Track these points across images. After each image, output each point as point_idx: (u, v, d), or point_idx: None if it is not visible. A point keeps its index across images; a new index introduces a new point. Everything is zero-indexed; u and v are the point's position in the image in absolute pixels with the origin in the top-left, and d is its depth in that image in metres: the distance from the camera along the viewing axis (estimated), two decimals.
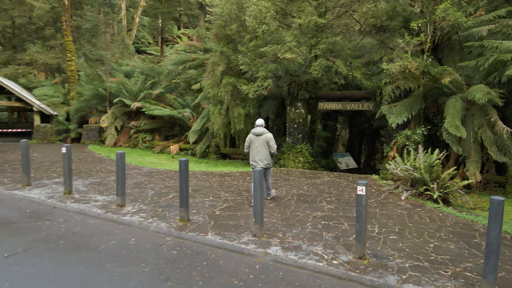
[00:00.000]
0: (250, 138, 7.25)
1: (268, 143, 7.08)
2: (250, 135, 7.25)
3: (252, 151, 7.15)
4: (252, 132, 7.23)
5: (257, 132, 7.12)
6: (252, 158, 7.16)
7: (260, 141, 7.06)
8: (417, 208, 7.19)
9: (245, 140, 7.37)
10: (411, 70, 9.93)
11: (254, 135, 7.15)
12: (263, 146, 7.06)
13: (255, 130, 7.17)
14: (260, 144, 7.06)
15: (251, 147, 7.19)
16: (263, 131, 7.14)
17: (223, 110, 12.91)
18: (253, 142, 7.16)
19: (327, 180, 9.86)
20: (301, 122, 13.41)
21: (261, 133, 7.10)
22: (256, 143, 7.10)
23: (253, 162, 7.15)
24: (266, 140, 7.06)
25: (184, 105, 17.57)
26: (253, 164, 7.14)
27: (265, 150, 7.09)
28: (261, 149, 7.06)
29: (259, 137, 7.10)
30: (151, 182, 8.99)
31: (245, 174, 10.54)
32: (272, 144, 7.12)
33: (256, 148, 7.08)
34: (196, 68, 16.74)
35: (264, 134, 7.09)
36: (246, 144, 7.32)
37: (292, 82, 13.26)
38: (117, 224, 5.80)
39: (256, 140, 7.11)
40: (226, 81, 12.42)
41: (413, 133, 10.53)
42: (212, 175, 10.30)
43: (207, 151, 15.60)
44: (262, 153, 7.06)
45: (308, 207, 6.95)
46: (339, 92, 12.88)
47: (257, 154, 7.08)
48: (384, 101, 11.29)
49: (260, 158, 7.06)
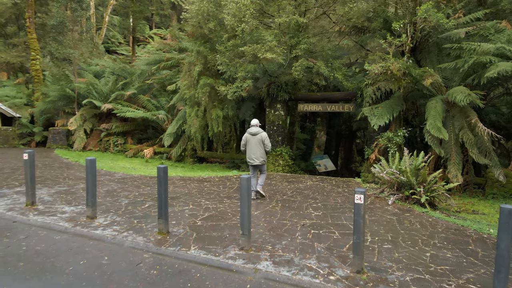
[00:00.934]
0: (246, 137, 7.70)
1: (263, 142, 7.60)
2: (246, 135, 7.70)
3: (249, 149, 7.66)
4: (248, 132, 7.70)
5: (252, 132, 7.60)
6: (249, 155, 7.68)
7: (256, 140, 7.56)
8: (406, 213, 6.99)
9: (242, 138, 7.86)
10: (393, 71, 9.82)
11: (250, 135, 7.62)
12: (258, 144, 7.57)
13: (251, 130, 7.65)
14: (256, 142, 7.56)
15: (248, 145, 7.69)
16: (258, 130, 7.64)
17: (200, 112, 12.38)
18: (249, 141, 7.64)
19: (310, 184, 9.56)
20: (280, 124, 13.10)
21: (256, 132, 7.59)
22: (252, 142, 7.59)
23: (249, 159, 7.68)
24: (262, 139, 7.58)
25: (158, 106, 16.86)
26: (250, 161, 7.69)
27: (261, 148, 7.61)
28: (257, 147, 7.57)
29: (254, 136, 7.58)
30: (124, 190, 8.35)
31: (224, 180, 10.07)
32: (267, 142, 7.66)
33: (253, 147, 7.58)
34: (170, 69, 16.09)
35: (259, 134, 7.60)
36: (243, 142, 7.78)
37: (271, 83, 12.93)
38: (87, 239, 5.20)
39: (252, 139, 7.59)
40: (203, 81, 11.92)
41: (394, 135, 10.43)
42: (190, 180, 9.76)
43: (183, 155, 14.99)
44: (258, 151, 7.57)
45: (295, 215, 6.59)
46: (319, 94, 12.67)
47: (253, 152, 7.59)
48: (365, 103, 11.16)
49: (256, 156, 7.58)
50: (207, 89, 11.90)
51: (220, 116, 12.07)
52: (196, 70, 12.01)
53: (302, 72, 10.72)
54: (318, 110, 12.80)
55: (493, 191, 10.24)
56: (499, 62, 9.52)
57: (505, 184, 10.17)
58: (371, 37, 11.63)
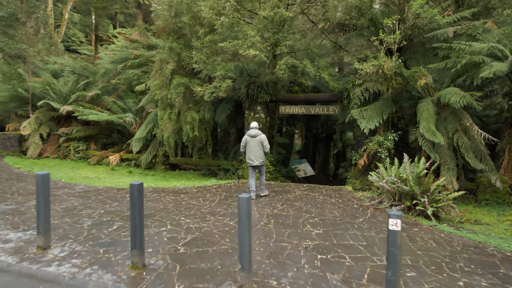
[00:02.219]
0: (246, 139, 8.11)
1: (262, 144, 8.03)
2: (246, 137, 8.13)
3: (248, 150, 8.07)
4: (247, 134, 8.13)
5: (252, 134, 8.03)
6: (249, 157, 8.09)
7: (255, 142, 7.99)
8: (413, 227, 6.26)
9: (241, 140, 8.29)
10: (384, 71, 9.19)
11: (250, 137, 8.04)
12: (258, 146, 7.99)
13: (251, 132, 8.06)
14: (255, 144, 7.98)
15: (247, 147, 8.10)
16: (258, 132, 8.05)
17: (174, 114, 11.20)
18: (248, 142, 8.06)
19: (299, 194, 8.68)
20: (261, 128, 12.17)
21: (256, 134, 8.02)
22: (251, 144, 8.01)
23: (249, 160, 8.09)
24: (261, 141, 8.01)
25: (125, 109, 15.41)
26: (249, 162, 8.09)
27: (260, 150, 8.02)
28: (256, 149, 7.98)
29: (254, 138, 8.00)
30: (87, 207, 7.07)
31: (203, 191, 8.99)
32: (266, 144, 8.09)
33: (252, 148, 7.99)
34: (139, 67, 14.72)
35: (258, 136, 8.03)
36: (242, 144, 8.21)
37: (251, 83, 11.99)
38: (37, 281, 4.00)
39: (252, 141, 8.01)
40: (177, 81, 10.76)
41: (385, 139, 9.80)
42: (164, 192, 8.59)
43: (154, 162, 13.69)
44: (257, 152, 7.99)
45: (293, 234, 5.66)
46: (302, 95, 11.87)
47: (253, 153, 8.00)
48: (353, 105, 10.48)
49: (256, 157, 7.99)
50: (181, 90, 10.76)
51: (196, 119, 10.96)
52: (169, 68, 10.84)
53: (287, 71, 9.86)
54: (301, 113, 12.00)
55: (486, 197, 9.84)
56: (491, 62, 9.14)
57: (496, 189, 9.81)
58: (357, 35, 10.98)
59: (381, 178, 7.61)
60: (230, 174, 12.32)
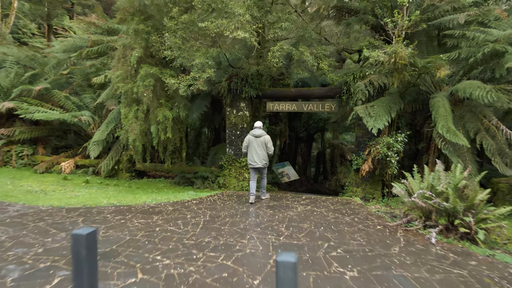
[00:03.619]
0: (249, 139, 7.70)
1: (266, 145, 7.62)
2: (249, 136, 7.71)
3: (251, 151, 7.65)
4: (251, 133, 7.71)
5: (256, 134, 7.63)
6: (251, 158, 7.66)
7: (259, 142, 7.59)
8: (468, 259, 4.78)
9: (244, 140, 7.85)
10: (397, 60, 7.76)
11: (253, 137, 7.64)
12: (261, 147, 7.59)
13: (255, 131, 7.66)
14: (259, 145, 7.58)
15: (250, 147, 7.67)
16: (262, 133, 7.64)
17: (141, 112, 9.18)
18: (251, 143, 7.64)
19: (302, 211, 7.02)
20: (245, 127, 10.43)
21: (260, 135, 7.62)
22: (255, 144, 7.60)
23: (251, 161, 7.66)
24: (265, 142, 7.61)
25: (81, 106, 13.07)
26: (251, 164, 7.67)
27: (263, 151, 7.62)
28: (260, 150, 7.59)
29: (258, 139, 7.61)
30: (19, 242, 5.01)
31: (181, 208, 7.12)
32: (270, 146, 7.67)
33: (255, 149, 7.58)
34: (98, 57, 12.47)
35: (262, 136, 7.63)
36: (245, 144, 7.78)
37: (234, 75, 10.22)
38: None
39: (255, 141, 7.61)
40: (145, 71, 8.77)
41: (395, 141, 8.39)
42: (130, 212, 6.63)
43: (117, 168, 11.56)
44: (260, 153, 7.59)
45: (320, 281, 3.98)
46: (294, 89, 10.23)
47: (256, 154, 7.60)
48: (357, 101, 9.01)
49: (258, 158, 7.59)
50: (151, 82, 8.78)
51: (169, 118, 9.01)
52: (135, 55, 8.81)
53: (281, 60, 8.17)
54: (292, 110, 10.37)
55: (505, 204, 8.68)
56: None
57: None
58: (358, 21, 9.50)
59: (409, 190, 6.12)
60: (209, 182, 10.47)
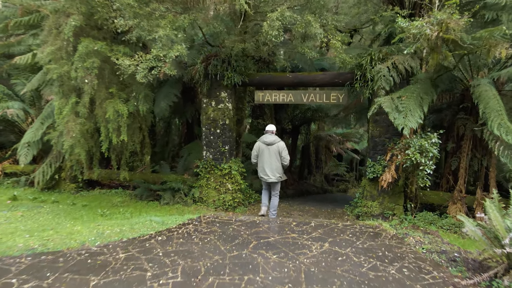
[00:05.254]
0: (259, 147, 6.43)
1: (280, 154, 6.31)
2: (259, 143, 6.44)
3: (261, 162, 6.39)
4: (261, 140, 6.45)
5: (268, 141, 6.32)
6: (262, 170, 6.41)
7: (272, 151, 6.29)
8: None
9: (253, 148, 6.58)
10: (441, 35, 5.62)
11: (264, 144, 6.35)
12: (274, 157, 6.29)
13: (266, 138, 6.35)
14: (272, 154, 6.29)
15: (260, 157, 6.42)
16: (275, 139, 6.36)
17: (83, 106, 6.55)
18: (262, 152, 6.37)
19: (319, 253, 4.77)
20: (227, 124, 8.05)
21: (273, 142, 6.31)
22: (266, 153, 6.32)
23: (263, 175, 6.41)
24: (278, 150, 6.29)
25: (10, 95, 10.11)
26: (263, 177, 6.43)
27: (277, 162, 6.31)
28: (273, 160, 6.29)
29: (270, 147, 6.29)
30: None
31: (139, 253, 4.71)
32: (285, 155, 6.34)
33: (267, 159, 6.31)
34: (30, 28, 9.51)
35: (276, 143, 6.32)
36: (254, 153, 6.52)
37: (212, 56, 7.76)
38: None
39: (267, 150, 6.32)
40: (85, 48, 6.12)
41: (432, 144, 6.31)
42: (54, 271, 4.13)
43: (57, 178, 8.86)
44: (274, 164, 6.29)
45: None
46: (290, 75, 7.89)
47: (268, 166, 6.31)
48: (380, 90, 6.83)
49: (271, 171, 6.30)
50: (95, 63, 6.15)
51: (123, 113, 6.46)
52: (70, 24, 6.13)
53: (281, 32, 5.80)
54: (288, 102, 8.08)
55: None
56: None
57: None
58: None
59: (490, 231, 4.02)
60: (181, 196, 8.05)
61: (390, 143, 7.10)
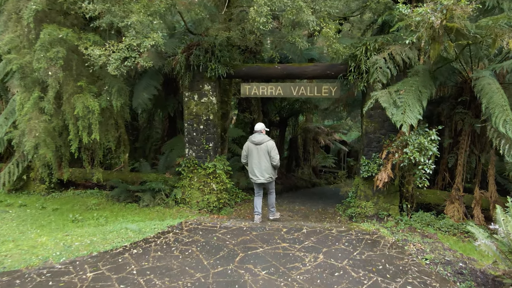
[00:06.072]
0: (248, 147, 6.18)
1: (269, 154, 6.02)
2: (248, 143, 6.18)
3: (251, 162, 6.15)
4: (250, 140, 6.18)
5: (256, 141, 6.07)
6: (251, 171, 6.17)
7: (260, 151, 6.04)
8: None
9: (242, 148, 6.32)
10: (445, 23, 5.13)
11: (253, 144, 6.09)
12: (264, 157, 6.05)
13: (254, 137, 6.10)
14: (261, 154, 6.05)
15: (249, 157, 6.18)
16: (264, 138, 6.08)
17: (48, 101, 5.84)
18: (251, 152, 6.12)
19: (313, 267, 4.30)
20: (211, 120, 7.46)
21: (261, 141, 6.05)
22: (255, 153, 6.08)
23: (252, 176, 6.20)
24: (267, 150, 6.02)
25: None
26: (253, 178, 6.21)
27: (267, 162, 6.06)
28: (262, 160, 6.06)
29: (258, 146, 6.05)
30: None
31: (109, 271, 4.15)
32: (274, 155, 6.04)
33: (256, 160, 6.08)
34: None
35: (264, 143, 6.05)
36: (244, 153, 6.27)
37: (194, 45, 7.12)
38: None
39: (255, 149, 6.07)
40: (49, 35, 5.41)
41: (431, 141, 5.88)
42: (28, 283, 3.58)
43: (26, 178, 8.15)
44: (263, 165, 6.06)
45: None
46: (279, 66, 7.31)
47: (257, 166, 6.08)
48: (376, 83, 6.34)
49: (260, 172, 6.08)
50: (59, 53, 5.45)
51: (94, 109, 5.80)
52: (31, 8, 5.40)
53: (269, 19, 5.21)
54: (277, 95, 7.53)
55: None
56: None
57: None
58: None
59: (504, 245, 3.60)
60: (162, 198, 7.46)
61: (386, 140, 6.64)
